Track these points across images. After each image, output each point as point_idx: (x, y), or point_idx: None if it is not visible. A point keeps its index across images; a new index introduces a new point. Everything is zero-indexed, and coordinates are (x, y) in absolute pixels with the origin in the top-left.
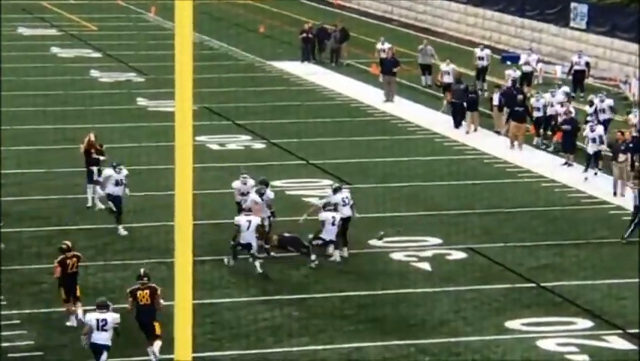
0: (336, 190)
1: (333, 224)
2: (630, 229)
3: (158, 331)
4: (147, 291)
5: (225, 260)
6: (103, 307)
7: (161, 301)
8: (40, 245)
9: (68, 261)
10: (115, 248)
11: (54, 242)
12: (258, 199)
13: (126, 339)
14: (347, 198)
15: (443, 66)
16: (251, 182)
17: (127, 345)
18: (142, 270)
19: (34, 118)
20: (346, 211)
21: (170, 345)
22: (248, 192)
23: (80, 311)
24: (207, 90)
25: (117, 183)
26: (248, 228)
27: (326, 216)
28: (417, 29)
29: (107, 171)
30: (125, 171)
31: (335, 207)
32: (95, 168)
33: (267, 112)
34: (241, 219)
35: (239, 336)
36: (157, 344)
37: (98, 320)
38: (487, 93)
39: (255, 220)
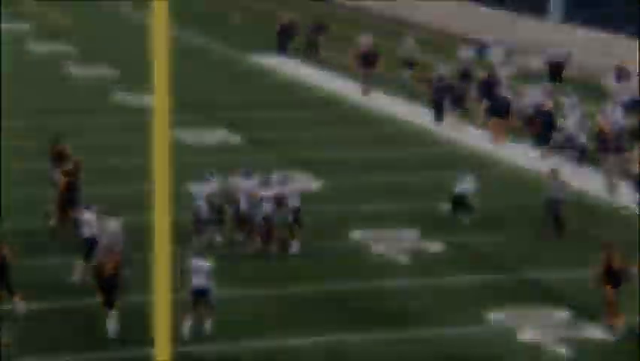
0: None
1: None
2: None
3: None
4: (113, 264)
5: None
6: (200, 255)
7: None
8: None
9: (4, 251)
10: None
11: (36, 238)
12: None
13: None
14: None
15: (440, 67)
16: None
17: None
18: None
19: (8, 113)
20: (294, 202)
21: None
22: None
23: (18, 301)
24: (183, 84)
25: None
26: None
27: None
28: (394, 22)
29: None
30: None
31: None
32: None
33: (243, 106)
34: (195, 188)
35: (220, 330)
36: (114, 314)
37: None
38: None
39: (208, 188)
